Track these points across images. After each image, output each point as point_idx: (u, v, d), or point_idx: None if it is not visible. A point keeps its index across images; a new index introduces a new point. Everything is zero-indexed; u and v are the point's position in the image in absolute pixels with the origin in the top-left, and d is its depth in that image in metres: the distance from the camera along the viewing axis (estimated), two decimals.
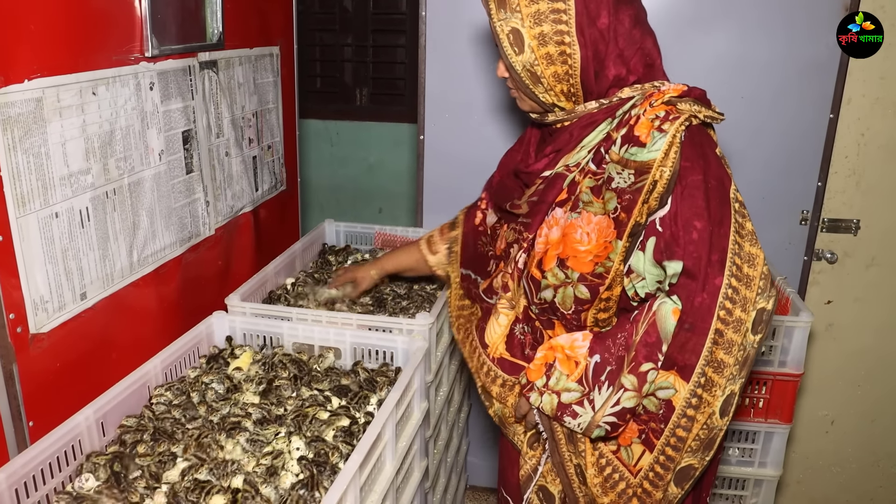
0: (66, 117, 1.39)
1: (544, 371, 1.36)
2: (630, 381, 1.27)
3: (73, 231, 1.43)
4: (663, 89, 1.28)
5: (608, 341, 1.31)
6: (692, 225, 1.23)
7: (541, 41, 1.27)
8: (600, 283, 1.30)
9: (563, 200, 1.36)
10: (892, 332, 2.41)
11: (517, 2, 1.27)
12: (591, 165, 1.33)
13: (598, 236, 1.28)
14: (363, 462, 1.25)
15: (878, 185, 2.28)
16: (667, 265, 1.24)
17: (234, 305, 1.85)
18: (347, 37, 3.97)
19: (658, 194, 1.23)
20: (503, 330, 1.49)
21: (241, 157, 2.10)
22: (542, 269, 1.36)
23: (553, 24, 1.26)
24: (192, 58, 1.81)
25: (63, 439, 1.31)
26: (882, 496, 2.59)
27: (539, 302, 1.39)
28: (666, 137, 1.22)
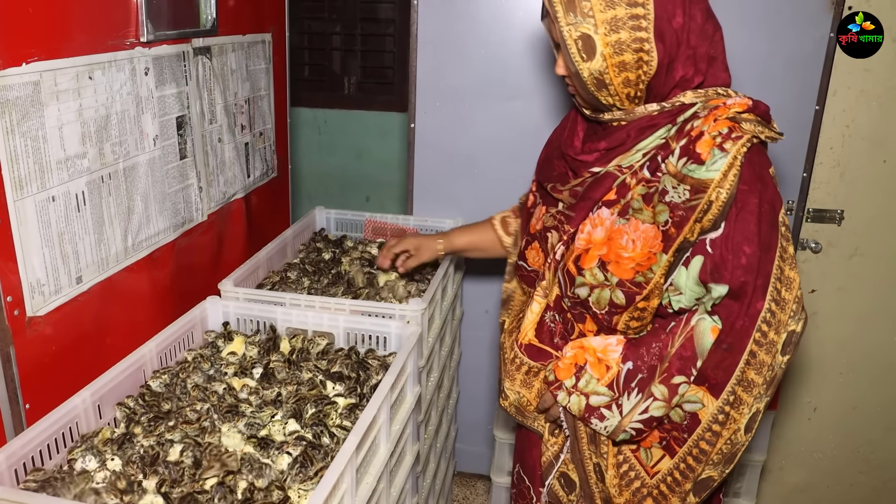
0: (62, 101, 1.39)
1: (574, 371, 1.37)
2: (660, 392, 1.30)
3: (69, 215, 1.44)
4: (729, 103, 1.24)
5: (642, 349, 1.33)
6: (742, 249, 1.23)
7: (616, 49, 1.21)
8: (638, 292, 1.29)
9: (611, 201, 1.33)
10: (874, 321, 2.46)
11: (590, 6, 1.20)
12: (646, 172, 1.30)
13: (643, 245, 1.27)
14: (359, 444, 1.27)
15: (862, 176, 2.31)
16: (713, 287, 1.26)
17: (228, 291, 1.86)
18: (336, 25, 3.97)
19: (712, 215, 1.22)
20: (534, 317, 1.48)
21: (233, 143, 2.11)
22: (580, 267, 1.35)
23: (631, 32, 1.21)
24: (186, 43, 1.81)
25: (61, 421, 1.32)
26: (862, 482, 2.64)
27: (572, 296, 1.39)
28: (726, 158, 1.20)
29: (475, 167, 2.43)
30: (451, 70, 2.37)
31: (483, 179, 2.44)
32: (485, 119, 2.40)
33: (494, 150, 2.39)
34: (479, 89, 2.38)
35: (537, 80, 2.34)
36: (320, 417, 1.47)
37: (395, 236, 2.48)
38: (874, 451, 2.59)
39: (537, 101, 2.34)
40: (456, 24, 2.33)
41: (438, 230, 2.48)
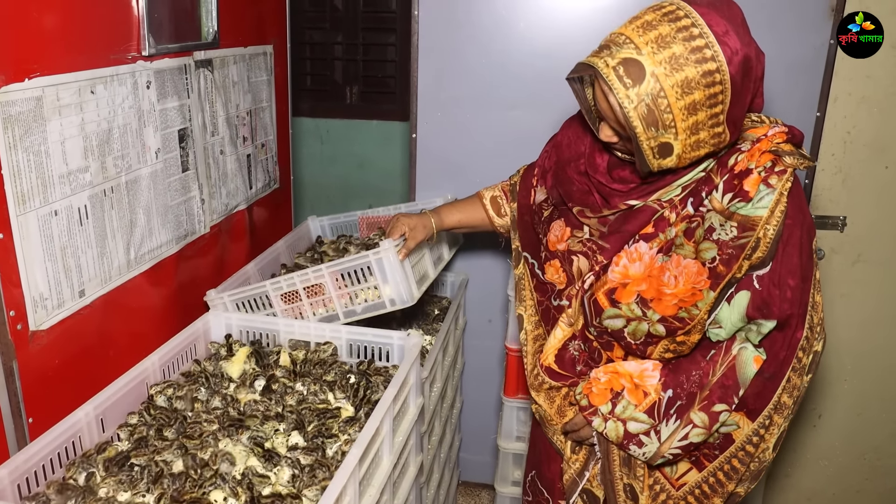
0: (65, 116, 1.39)
1: (610, 397, 1.37)
2: (701, 419, 1.30)
3: (71, 229, 1.44)
4: (770, 134, 1.23)
5: (681, 377, 1.33)
6: (786, 283, 1.24)
7: (694, 147, 1.19)
8: (680, 327, 1.29)
9: (649, 235, 1.31)
10: (878, 327, 2.45)
11: (671, 118, 1.15)
12: (689, 208, 1.28)
13: (686, 281, 1.26)
14: (362, 456, 1.27)
15: (864, 182, 2.31)
16: (762, 323, 1.26)
17: (213, 299, 1.87)
18: (338, 35, 3.98)
19: (761, 252, 1.22)
20: (557, 343, 1.48)
21: (235, 155, 2.11)
22: (616, 300, 1.33)
23: (710, 129, 1.18)
24: (187, 56, 1.82)
25: (64, 435, 1.33)
26: (868, 488, 2.63)
27: (598, 326, 1.37)
28: (773, 195, 1.20)
29: (477, 176, 2.43)
30: (453, 79, 2.38)
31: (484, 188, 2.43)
32: (486, 128, 2.40)
33: (496, 159, 2.38)
34: (481, 98, 2.38)
35: (539, 89, 2.34)
36: (323, 430, 1.47)
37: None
38: (880, 457, 2.58)
39: (539, 110, 2.34)
40: (457, 33, 2.33)
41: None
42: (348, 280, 1.83)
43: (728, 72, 1.13)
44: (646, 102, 1.13)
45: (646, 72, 1.12)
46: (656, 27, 1.14)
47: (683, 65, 1.12)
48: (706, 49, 1.12)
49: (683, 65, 1.12)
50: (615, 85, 1.14)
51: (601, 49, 1.19)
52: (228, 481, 1.31)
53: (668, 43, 1.13)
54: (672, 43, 1.12)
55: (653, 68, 1.12)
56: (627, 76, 1.13)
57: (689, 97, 1.13)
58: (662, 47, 1.12)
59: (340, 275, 1.82)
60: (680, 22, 1.14)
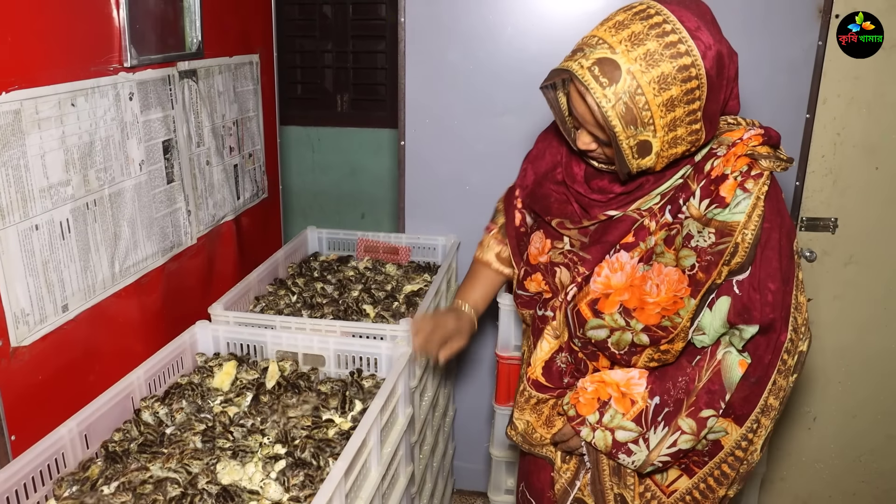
0: (44, 129, 1.38)
1: (597, 407, 1.36)
2: (689, 425, 1.30)
3: (53, 243, 1.43)
4: (745, 137, 1.23)
5: (668, 383, 1.32)
6: (767, 287, 1.23)
7: (671, 144, 1.18)
8: (664, 335, 1.27)
9: (629, 244, 1.30)
10: (872, 328, 2.44)
11: (650, 115, 1.13)
12: (668, 216, 1.27)
13: (668, 289, 1.25)
14: (348, 469, 1.25)
15: (855, 183, 2.30)
16: (743, 328, 1.25)
17: (218, 315, 1.85)
18: (328, 43, 3.97)
19: (740, 257, 1.21)
20: (544, 355, 1.46)
21: (221, 165, 2.10)
22: (598, 310, 1.31)
23: (688, 126, 1.17)
24: (171, 67, 1.81)
25: (47, 452, 1.31)
26: (865, 491, 2.62)
27: (582, 337, 1.36)
28: (750, 199, 1.19)
29: (467, 183, 2.42)
30: (441, 86, 2.37)
31: (475, 195, 2.43)
32: (475, 135, 2.39)
33: (486, 166, 2.38)
34: (469, 105, 2.37)
35: (528, 94, 2.32)
36: (311, 442, 1.45)
37: (388, 253, 2.47)
38: (876, 459, 2.57)
39: (528, 116, 2.33)
40: (444, 39, 2.32)
41: (431, 247, 2.48)
42: None
43: (703, 66, 1.12)
44: (623, 101, 1.12)
45: (621, 69, 1.11)
46: (628, 26, 1.13)
47: (658, 61, 1.11)
48: (680, 44, 1.11)
49: (658, 61, 1.11)
50: (591, 85, 1.12)
51: (574, 53, 1.18)
52: (214, 497, 1.29)
53: (642, 40, 1.11)
54: (646, 40, 1.11)
55: (628, 66, 1.11)
56: (603, 75, 1.12)
57: (666, 93, 1.12)
58: (636, 45, 1.11)
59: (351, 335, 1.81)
60: (652, 19, 1.13)
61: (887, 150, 2.26)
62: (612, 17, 1.17)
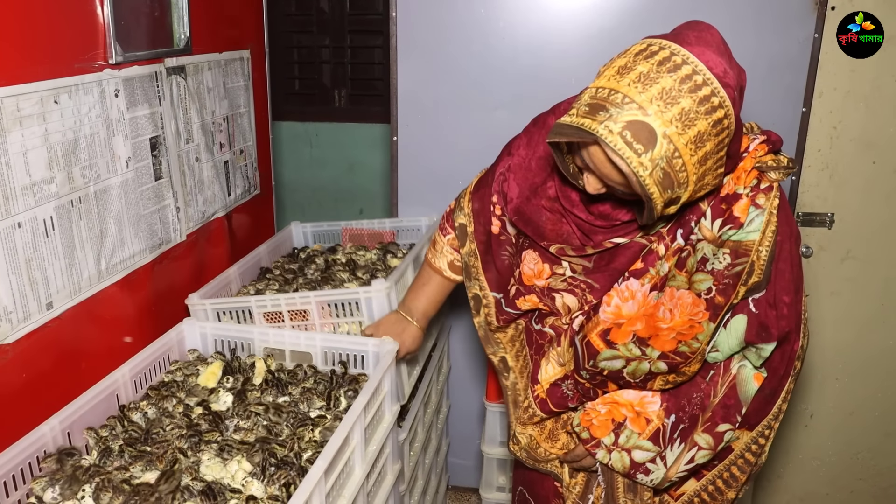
0: (26, 126, 1.37)
1: (612, 428, 1.33)
2: (705, 441, 1.28)
3: (36, 241, 1.42)
4: (751, 150, 1.18)
5: (683, 401, 1.29)
6: (782, 301, 1.21)
7: (698, 191, 1.11)
8: (682, 361, 1.23)
9: (639, 271, 1.25)
10: (869, 325, 2.42)
11: (685, 176, 1.05)
12: (679, 240, 1.22)
13: (682, 313, 1.20)
14: (329, 467, 1.25)
15: (851, 178, 2.28)
16: (762, 348, 1.22)
17: (195, 304, 1.85)
18: (325, 38, 3.95)
19: (757, 277, 1.18)
20: (549, 378, 1.43)
21: (212, 162, 2.09)
22: (611, 341, 1.27)
23: (716, 171, 1.10)
24: (158, 64, 1.80)
25: (28, 450, 1.30)
26: (862, 488, 2.60)
27: (592, 369, 1.31)
28: (763, 216, 1.16)
29: (459, 178, 2.40)
30: (433, 81, 2.35)
31: None
32: (468, 130, 2.38)
33: (478, 161, 2.35)
34: (463, 100, 2.36)
35: (521, 89, 2.31)
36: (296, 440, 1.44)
37: (372, 239, 2.46)
38: (874, 457, 2.55)
39: (522, 110, 2.29)
40: (436, 34, 2.31)
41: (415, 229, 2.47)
42: (334, 310, 1.81)
43: (734, 114, 1.06)
44: (661, 167, 1.02)
45: (657, 134, 1.01)
46: (656, 81, 1.02)
47: (695, 119, 1.02)
48: (713, 97, 1.03)
49: (695, 119, 1.02)
50: (626, 154, 1.01)
51: (594, 110, 1.05)
52: (196, 495, 1.29)
53: (675, 98, 1.01)
54: (679, 98, 1.01)
55: (664, 129, 1.01)
56: (637, 141, 1.01)
57: (701, 150, 1.04)
58: (669, 104, 1.01)
59: (327, 304, 1.80)
60: (681, 71, 1.02)
61: (885, 145, 2.24)
62: (631, 66, 1.06)
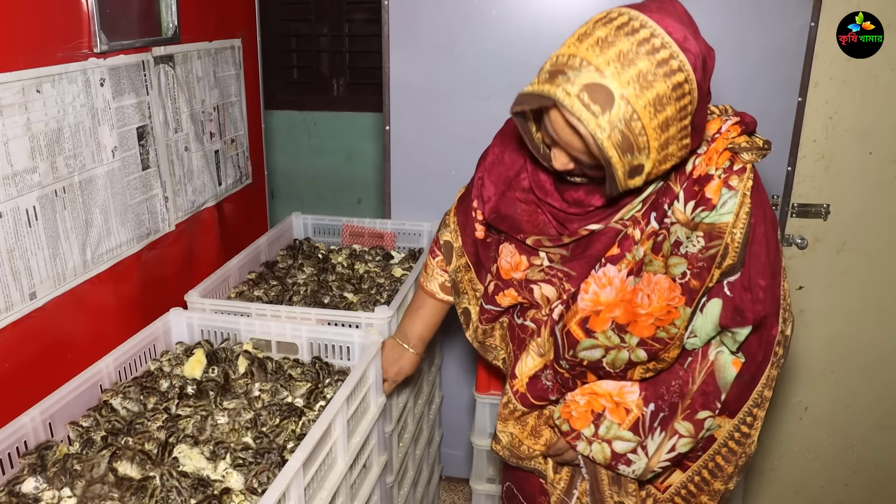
0: (7, 116, 1.37)
1: (591, 419, 1.32)
2: (686, 428, 1.27)
3: (19, 231, 1.42)
4: (723, 130, 1.17)
5: (661, 389, 1.28)
6: (757, 285, 1.19)
7: (662, 161, 1.09)
8: (661, 348, 1.22)
9: (616, 257, 1.24)
10: (864, 317, 2.40)
11: (646, 139, 1.04)
12: (654, 223, 1.21)
13: (660, 298, 1.19)
14: (308, 459, 1.24)
15: (847, 168, 2.26)
16: (737, 332, 1.21)
17: (194, 302, 1.84)
18: (323, 27, 3.94)
19: (731, 259, 1.17)
20: (528, 370, 1.41)
21: (201, 151, 2.08)
22: (590, 329, 1.26)
23: (680, 141, 1.08)
24: (145, 52, 1.79)
25: (7, 440, 1.30)
26: (857, 481, 2.59)
27: (572, 359, 1.30)
28: (736, 197, 1.15)
29: (452, 168, 2.40)
30: (425, 71, 2.34)
31: (460, 180, 2.38)
32: (460, 120, 2.36)
33: (471, 151, 2.32)
34: (454, 90, 2.34)
35: (513, 77, 2.28)
36: (278, 431, 1.44)
37: (373, 238, 2.45)
38: (868, 449, 2.54)
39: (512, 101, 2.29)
40: (428, 22, 2.29)
41: (416, 233, 2.45)
42: None
43: (695, 80, 1.04)
44: (619, 129, 1.01)
45: (614, 95, 1.00)
46: (613, 43, 1.01)
47: (653, 82, 1.00)
48: (672, 60, 1.01)
49: (653, 82, 1.00)
50: (583, 115, 1.01)
51: (553, 76, 1.05)
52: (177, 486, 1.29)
53: (633, 60, 1.00)
54: (636, 59, 1.00)
55: (621, 90, 1.00)
56: (594, 103, 1.00)
57: (661, 115, 1.02)
58: (627, 65, 1.00)
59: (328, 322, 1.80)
60: (638, 34, 1.02)
61: (881, 135, 2.22)
62: (590, 32, 1.05)
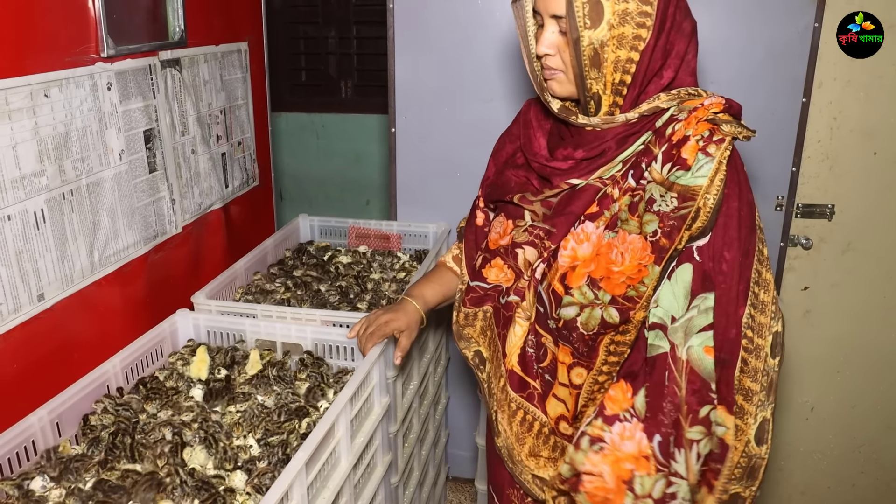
0: (15, 120, 1.39)
1: (626, 488, 1.25)
2: (698, 431, 1.22)
3: (27, 233, 1.44)
4: (706, 103, 1.22)
5: (658, 416, 1.23)
6: (722, 256, 1.19)
7: (622, 18, 1.18)
8: (631, 307, 1.23)
9: (594, 214, 1.28)
10: (870, 317, 2.39)
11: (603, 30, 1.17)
12: (631, 181, 1.25)
13: (632, 257, 1.22)
14: (311, 458, 1.26)
15: (852, 169, 2.26)
16: (706, 297, 1.20)
17: (201, 303, 1.86)
18: (331, 29, 3.96)
19: (701, 222, 1.18)
20: (518, 341, 1.40)
21: (208, 154, 2.10)
22: (567, 285, 1.28)
23: (639, 4, 1.18)
24: (152, 56, 1.81)
25: (16, 440, 1.32)
26: (864, 482, 2.58)
27: (556, 318, 1.31)
28: (712, 163, 1.17)
29: (457, 170, 2.41)
30: (430, 73, 2.35)
31: (465, 181, 2.41)
32: (465, 121, 2.38)
33: (476, 152, 2.35)
34: (459, 92, 2.36)
35: (516, 80, 2.31)
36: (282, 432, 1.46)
37: (379, 240, 2.47)
38: (875, 450, 2.53)
39: (517, 103, 2.31)
40: (433, 25, 2.31)
41: (422, 234, 2.47)
42: None
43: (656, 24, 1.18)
44: None
45: None
46: None
47: None
48: None
49: None
50: None
51: None
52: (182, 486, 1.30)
53: None
54: None
55: None
56: None
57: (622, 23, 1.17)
58: None
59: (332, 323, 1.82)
60: None
61: (886, 135, 2.21)
62: None
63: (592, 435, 1.26)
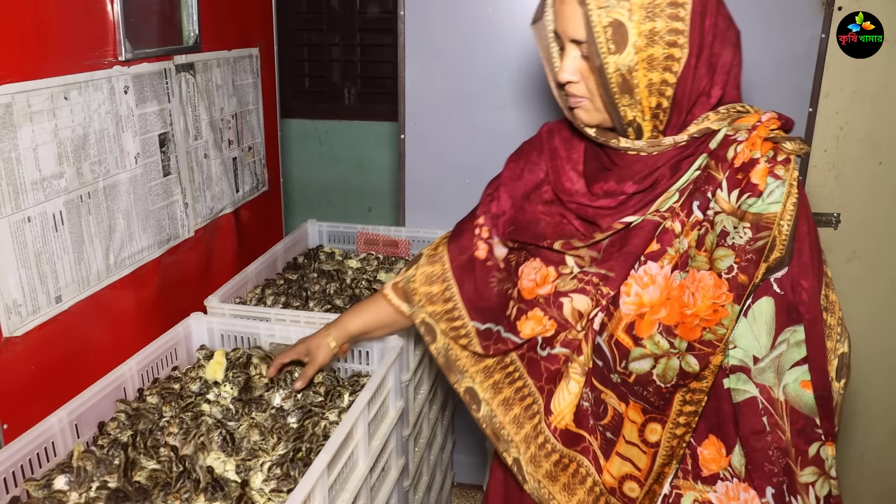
0: (36, 122, 1.39)
1: None
2: (811, 472, 1.13)
3: (46, 235, 1.44)
4: (764, 120, 1.09)
5: (765, 466, 1.15)
6: (800, 286, 1.10)
7: (649, 39, 1.06)
8: (710, 352, 1.12)
9: (656, 253, 1.15)
10: (875, 326, 2.41)
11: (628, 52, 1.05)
12: (697, 213, 1.13)
13: (704, 297, 1.10)
14: (332, 461, 1.26)
15: (858, 178, 2.28)
16: (797, 329, 1.10)
17: (213, 307, 1.86)
18: (335, 36, 3.97)
19: (778, 252, 1.09)
20: (573, 399, 1.27)
21: (220, 158, 2.11)
22: (636, 336, 1.16)
23: (668, 21, 1.05)
24: (167, 61, 1.82)
25: (36, 441, 1.32)
26: (867, 489, 2.59)
27: (623, 371, 1.18)
28: (784, 187, 1.06)
29: (466, 177, 2.42)
30: (440, 80, 2.37)
31: (475, 189, 2.39)
32: (474, 128, 2.39)
33: (485, 160, 2.35)
34: (469, 98, 2.37)
35: (527, 88, 2.32)
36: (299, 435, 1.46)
37: (387, 246, 2.48)
38: (879, 458, 2.55)
39: (527, 110, 2.33)
40: (443, 33, 2.32)
41: (430, 241, 2.47)
42: None
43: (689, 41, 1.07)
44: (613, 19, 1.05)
45: None
46: None
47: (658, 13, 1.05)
48: None
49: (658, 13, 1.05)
50: None
51: None
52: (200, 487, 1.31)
53: None
54: None
55: None
56: None
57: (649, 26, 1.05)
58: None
59: None
60: None
61: (892, 145, 2.24)
62: None
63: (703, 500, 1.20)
